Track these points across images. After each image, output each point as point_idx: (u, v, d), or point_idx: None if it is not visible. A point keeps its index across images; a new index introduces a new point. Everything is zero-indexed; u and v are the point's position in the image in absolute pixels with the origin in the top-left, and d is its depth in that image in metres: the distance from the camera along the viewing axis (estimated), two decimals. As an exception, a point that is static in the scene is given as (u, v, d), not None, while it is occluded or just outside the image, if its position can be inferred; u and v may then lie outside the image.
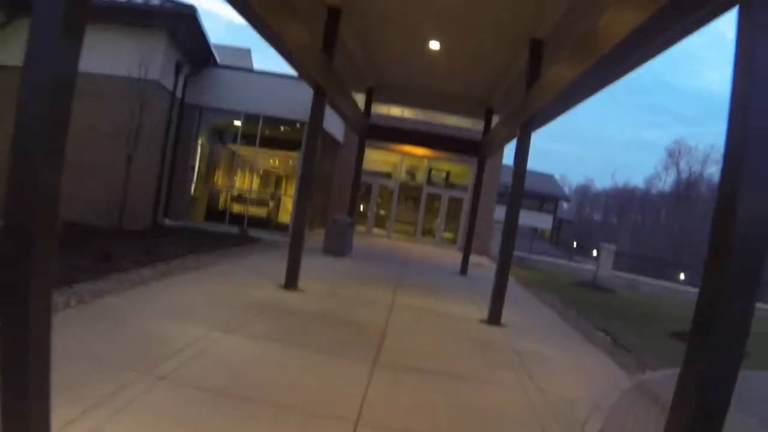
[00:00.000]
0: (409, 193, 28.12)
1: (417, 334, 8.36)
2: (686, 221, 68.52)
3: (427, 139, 18.73)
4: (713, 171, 72.80)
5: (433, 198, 27.34)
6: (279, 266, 10.49)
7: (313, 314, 8.50)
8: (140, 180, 15.42)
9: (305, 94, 11.77)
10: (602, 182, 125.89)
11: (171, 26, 15.69)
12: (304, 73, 9.84)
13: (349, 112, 14.07)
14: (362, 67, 15.04)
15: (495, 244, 25.60)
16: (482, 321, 10.07)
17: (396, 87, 17.24)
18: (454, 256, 22.00)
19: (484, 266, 20.32)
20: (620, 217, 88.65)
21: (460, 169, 27.52)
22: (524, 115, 9.93)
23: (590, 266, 28.65)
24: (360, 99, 16.70)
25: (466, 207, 25.83)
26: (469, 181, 26.16)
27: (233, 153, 20.78)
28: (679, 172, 77.47)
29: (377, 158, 27.30)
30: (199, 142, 20.39)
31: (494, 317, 9.99)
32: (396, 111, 26.02)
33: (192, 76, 18.80)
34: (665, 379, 8.49)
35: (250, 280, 10.40)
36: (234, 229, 18.52)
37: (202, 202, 21.05)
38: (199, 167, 20.75)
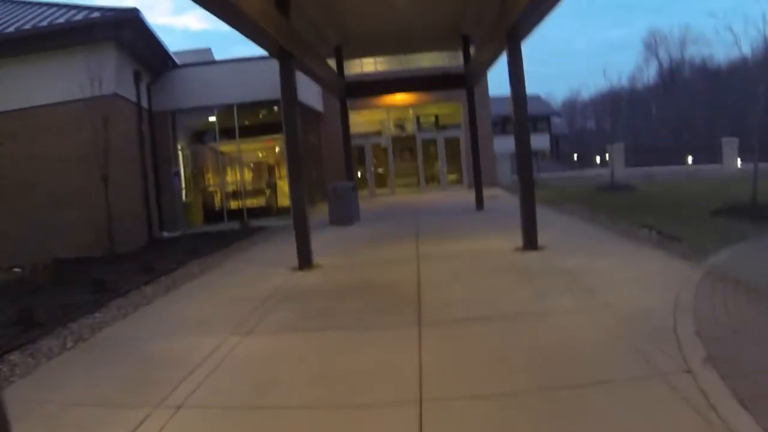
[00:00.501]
0: (403, 145, 27.11)
1: (455, 280, 7.52)
2: (679, 106, 67.29)
3: (410, 83, 17.68)
4: (692, 51, 71.37)
5: (428, 144, 26.37)
6: (288, 249, 9.62)
7: (336, 290, 7.68)
8: (123, 199, 14.55)
9: (274, 72, 10.96)
10: (587, 91, 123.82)
11: (117, 35, 14.57)
12: (263, 41, 8.86)
13: (323, 73, 13.08)
14: (323, 23, 14.01)
15: (502, 173, 24.75)
16: (517, 249, 9.26)
17: (364, 38, 16.20)
18: (465, 195, 21.17)
19: (498, 197, 19.46)
20: (613, 120, 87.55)
21: (449, 109, 26.48)
22: (507, 21, 8.95)
23: (601, 170, 27.81)
24: (331, 63, 15.73)
25: (463, 144, 24.84)
26: (460, 118, 25.17)
27: (217, 150, 19.82)
28: (660, 62, 76.01)
29: (363, 119, 26.27)
30: (179, 146, 19.49)
31: (530, 242, 9.18)
32: (369, 67, 24.95)
33: (154, 83, 17.82)
34: (732, 258, 7.71)
35: (260, 270, 9.57)
36: (235, 225, 17.69)
37: (197, 205, 20.23)
38: (184, 171, 19.88)
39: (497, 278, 7.41)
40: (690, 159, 45.05)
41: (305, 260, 9.24)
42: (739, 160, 24.86)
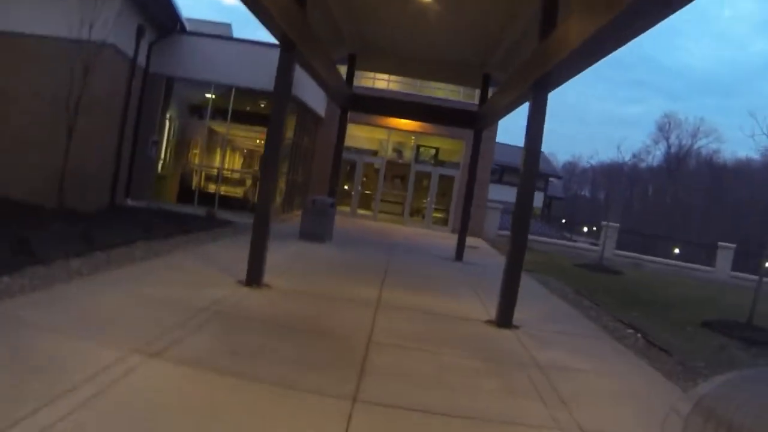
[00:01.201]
0: (397, 171, 26.19)
1: (411, 346, 6.49)
2: (678, 195, 67.22)
3: (417, 111, 16.67)
4: (703, 144, 71.61)
5: (422, 176, 25.45)
6: (245, 256, 8.57)
7: (275, 322, 6.62)
8: (91, 154, 13.46)
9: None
10: (589, 159, 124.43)
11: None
12: (266, 20, 7.88)
13: (328, 76, 12.12)
14: (341, 25, 13.10)
15: (489, 225, 23.85)
16: (489, 322, 8.27)
17: (381, 53, 15.34)
18: (446, 239, 20.25)
19: (479, 249, 18.57)
20: (608, 193, 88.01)
21: (451, 146, 25.64)
22: (538, 71, 8.03)
23: (587, 245, 26.98)
24: (342, 70, 14.81)
25: (457, 186, 23.97)
26: (460, 158, 24.31)
27: (208, 129, 18.69)
28: (669, 146, 76.23)
29: (362, 134, 25.36)
30: (168, 115, 18.39)
31: (504, 317, 8.19)
32: (381, 83, 24.08)
33: (158, 43, 16.77)
34: (724, 391, 6.75)
35: (205, 274, 8.51)
36: (204, 211, 16.58)
37: (174, 181, 19.05)
38: (168, 143, 18.76)
39: (460, 358, 6.36)
40: (676, 250, 44.60)
41: (254, 277, 8.17)
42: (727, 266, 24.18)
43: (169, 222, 13.17)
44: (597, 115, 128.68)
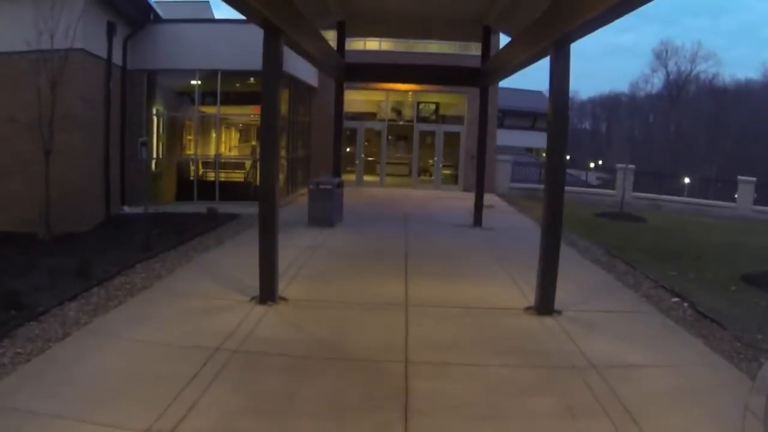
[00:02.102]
0: (399, 132, 25.23)
1: (452, 360, 5.82)
2: (681, 123, 65.91)
3: (417, 74, 15.58)
4: (703, 69, 69.71)
5: (426, 135, 24.49)
6: (254, 258, 7.80)
7: (299, 352, 5.94)
8: (76, 171, 12.62)
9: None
10: (586, 92, 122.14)
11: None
12: (243, 8, 7.03)
13: (319, 53, 11.24)
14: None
15: (501, 179, 23.04)
16: (529, 310, 7.61)
17: (371, 16, 14.38)
18: (460, 200, 19.51)
19: (495, 208, 17.79)
20: (609, 124, 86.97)
21: (452, 99, 24.60)
22: (560, 28, 7.15)
23: (603, 189, 26.12)
24: (328, 37, 13.85)
25: (464, 141, 23.04)
26: (463, 110, 23.33)
27: (198, 117, 17.78)
28: (668, 73, 74.37)
29: (359, 98, 24.32)
30: (154, 111, 17.51)
31: (545, 303, 7.51)
32: (373, 45, 22.96)
33: (132, 38, 15.76)
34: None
35: (213, 295, 7.82)
36: (207, 206, 15.80)
37: (170, 178, 18.25)
38: (158, 139, 17.92)
39: (509, 370, 5.68)
40: (687, 179, 43.52)
41: (268, 293, 7.48)
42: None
43: (168, 229, 12.39)
44: (589, 47, 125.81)
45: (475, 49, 22.66)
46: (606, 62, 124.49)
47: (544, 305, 7.49)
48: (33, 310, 6.81)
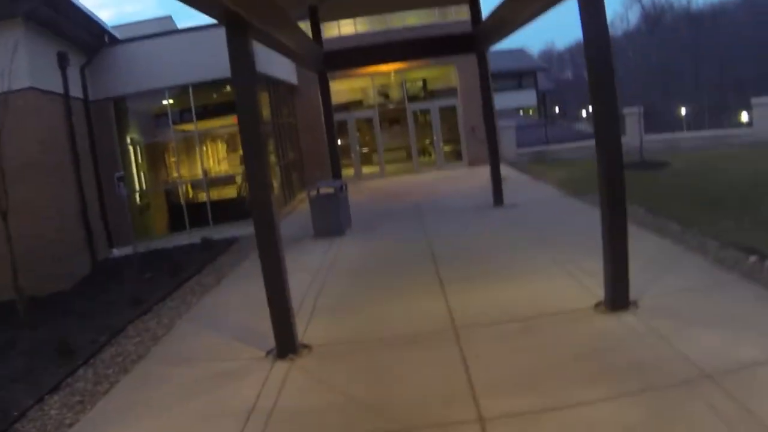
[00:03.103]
0: (391, 116, 23.81)
1: (535, 406, 4.49)
2: (664, 53, 64.28)
3: (406, 50, 13.99)
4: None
5: (420, 114, 23.07)
6: (261, 294, 6.40)
7: (336, 426, 4.65)
8: (42, 223, 11.21)
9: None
10: (562, 42, 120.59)
11: (26, 9, 11.12)
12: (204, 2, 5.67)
13: (294, 44, 9.84)
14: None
15: (506, 146, 21.59)
16: (599, 307, 6.28)
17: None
18: (469, 177, 18.27)
19: (508, 179, 16.37)
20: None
21: (439, 72, 23.17)
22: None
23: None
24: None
25: (461, 114, 21.61)
26: (455, 81, 21.89)
27: (175, 137, 16.34)
28: (643, 6, 72.92)
29: (343, 88, 22.84)
30: (128, 140, 16.15)
31: (619, 296, 6.18)
32: (348, 29, 21.48)
33: (90, 66, 14.36)
34: None
35: (218, 354, 6.48)
36: (200, 235, 14.48)
37: (159, 208, 16.90)
38: (137, 169, 16.56)
39: (609, 405, 4.36)
40: (683, 110, 42.11)
41: (287, 342, 6.15)
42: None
43: (161, 270, 11.11)
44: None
45: (455, 14, 21.31)
46: (573, 7, 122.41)
47: (618, 299, 6.16)
48: (6, 416, 5.53)
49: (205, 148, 17.70)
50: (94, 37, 14.21)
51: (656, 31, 68.01)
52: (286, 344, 6.14)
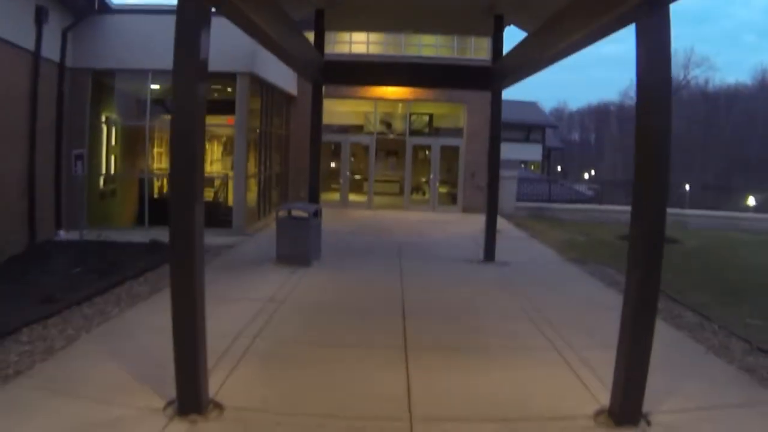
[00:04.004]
0: (389, 147, 22.46)
1: None
2: (676, 129, 63.96)
3: (414, 73, 12.61)
4: (696, 74, 68.20)
5: (420, 149, 21.74)
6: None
7: None
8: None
9: (238, 35, 7.26)
10: (575, 102, 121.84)
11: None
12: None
13: (286, 39, 8.50)
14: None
15: (506, 198, 20.23)
16: (600, 416, 4.87)
17: (357, 3, 11.63)
18: (461, 224, 16.91)
19: (503, 232, 14.97)
20: (599, 134, 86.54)
21: (449, 110, 21.95)
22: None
23: (615, 205, 23.31)
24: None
25: (463, 156, 20.30)
26: (462, 122, 20.63)
27: (157, 126, 14.84)
28: (660, 78, 73.11)
29: (343, 109, 21.60)
30: (103, 118, 14.75)
31: (629, 407, 4.78)
32: (360, 47, 20.29)
33: (74, 29, 13.07)
34: None
35: (109, 393, 4.95)
36: (159, 234, 12.99)
37: (128, 198, 15.39)
38: (108, 152, 15.12)
39: None
40: (687, 187, 41.25)
41: (192, 396, 4.65)
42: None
43: (96, 265, 9.69)
44: (576, 59, 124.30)
45: (475, 52, 20.18)
46: (591, 73, 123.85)
47: (627, 411, 4.76)
48: None
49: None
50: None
51: (673, 104, 67.99)
52: (190, 400, 4.65)
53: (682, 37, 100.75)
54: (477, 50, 20.13)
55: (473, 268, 10.99)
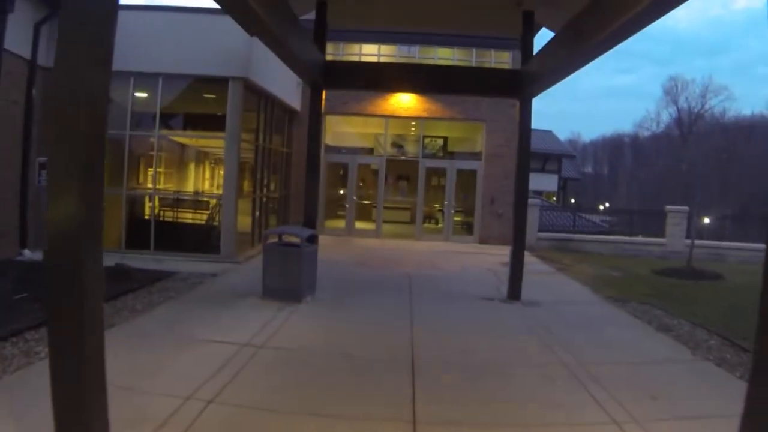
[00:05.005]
0: (401, 170, 20.84)
1: None
2: (692, 159, 62.03)
3: (430, 77, 10.93)
4: (715, 104, 66.89)
5: (433, 174, 19.99)
6: (145, 369, 4.19)
7: None
8: None
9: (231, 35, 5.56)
10: (588, 134, 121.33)
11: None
12: None
13: (287, 36, 6.94)
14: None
15: (528, 226, 18.43)
16: None
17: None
18: (477, 254, 15.22)
19: (525, 265, 13.20)
20: (613, 166, 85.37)
21: (464, 132, 20.33)
22: None
23: (644, 237, 21.30)
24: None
25: (481, 180, 18.56)
26: (480, 144, 18.94)
27: (137, 138, 13.22)
28: (679, 110, 71.82)
29: (351, 129, 20.12)
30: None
31: None
32: (370, 50, 18.87)
33: (48, 24, 11.69)
34: None
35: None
36: (141, 261, 11.35)
37: (113, 217, 13.69)
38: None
39: None
40: (706, 220, 39.20)
41: None
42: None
43: (42, 296, 8.02)
44: (589, 90, 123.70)
45: (495, 62, 18.67)
46: (604, 105, 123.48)
47: None
48: None
49: (162, 157, 14.72)
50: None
51: (690, 135, 66.31)
52: None
53: (695, 69, 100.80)
54: (498, 65, 18.64)
55: (496, 308, 9.19)
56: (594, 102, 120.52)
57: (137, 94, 12.72)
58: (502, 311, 9.00)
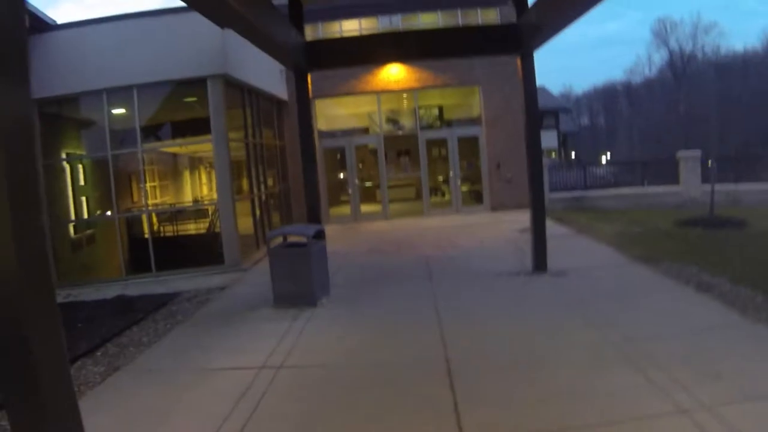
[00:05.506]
0: (399, 145, 20.11)
1: None
2: (690, 101, 60.83)
3: (420, 43, 10.09)
4: (706, 42, 65.82)
5: (435, 145, 19.22)
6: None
7: None
8: None
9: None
10: (580, 86, 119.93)
11: None
12: None
13: (258, 18, 6.24)
14: None
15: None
16: None
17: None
18: (491, 224, 14.59)
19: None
20: (609, 116, 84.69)
21: (459, 97, 19.56)
22: None
23: (658, 187, 20.50)
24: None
25: (484, 145, 17.84)
26: (478, 109, 18.17)
27: (115, 157, 12.51)
28: (670, 52, 70.52)
29: (343, 111, 19.34)
30: (63, 155, 12.60)
31: None
32: (351, 26, 18.11)
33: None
34: None
35: None
36: (145, 287, 10.79)
37: (105, 244, 13.06)
38: (76, 193, 12.88)
39: None
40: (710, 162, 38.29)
41: None
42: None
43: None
44: (576, 42, 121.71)
45: (483, 19, 17.89)
46: (592, 55, 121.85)
47: None
48: None
49: (153, 171, 14.11)
50: (9, 19, 10.60)
51: (684, 77, 65.17)
52: None
53: (680, 7, 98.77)
54: (486, 17, 17.92)
55: (524, 284, 8.54)
56: (582, 53, 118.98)
57: (114, 111, 12.00)
58: (531, 287, 8.36)
